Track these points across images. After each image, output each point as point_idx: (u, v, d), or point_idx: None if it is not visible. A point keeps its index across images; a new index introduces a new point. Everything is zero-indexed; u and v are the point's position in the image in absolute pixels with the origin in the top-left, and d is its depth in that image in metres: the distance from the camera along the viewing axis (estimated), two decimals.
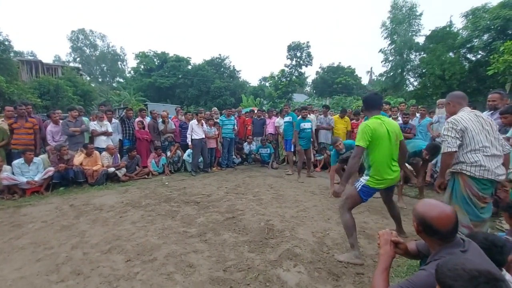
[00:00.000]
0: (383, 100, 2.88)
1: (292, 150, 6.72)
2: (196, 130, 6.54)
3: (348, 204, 2.58)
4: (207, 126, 6.89)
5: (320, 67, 35.19)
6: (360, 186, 2.53)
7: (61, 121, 5.83)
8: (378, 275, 1.42)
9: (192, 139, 6.50)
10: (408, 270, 2.34)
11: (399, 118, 5.89)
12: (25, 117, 5.28)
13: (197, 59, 41.61)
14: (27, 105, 5.64)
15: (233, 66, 33.70)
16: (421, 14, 20.11)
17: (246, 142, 8.11)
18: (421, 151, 3.96)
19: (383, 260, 1.46)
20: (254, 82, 45.89)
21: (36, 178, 4.93)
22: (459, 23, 18.41)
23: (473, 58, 17.08)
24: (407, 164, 4.39)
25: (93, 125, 6.11)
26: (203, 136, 6.63)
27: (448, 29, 17.58)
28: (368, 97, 2.74)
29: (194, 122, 6.63)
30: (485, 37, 15.45)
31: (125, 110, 7.07)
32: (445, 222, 1.23)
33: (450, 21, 18.00)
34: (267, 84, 34.40)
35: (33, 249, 2.80)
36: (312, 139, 6.32)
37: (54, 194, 4.98)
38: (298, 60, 27.43)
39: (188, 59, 32.69)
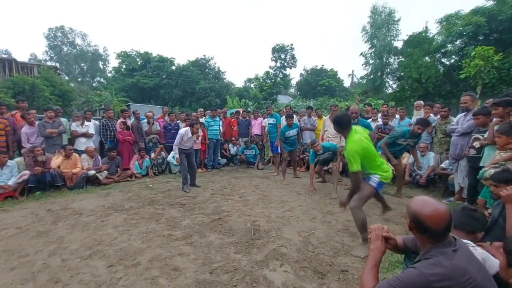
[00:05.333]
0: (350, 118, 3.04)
1: (279, 152, 6.78)
2: (186, 142, 5.29)
3: (363, 201, 2.75)
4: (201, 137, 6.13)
5: (304, 69, 35.79)
6: (376, 183, 2.75)
7: (37, 122, 5.57)
8: (367, 271, 1.39)
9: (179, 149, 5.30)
10: (390, 266, 2.43)
11: (379, 120, 6.10)
12: None
13: (181, 60, 40.97)
14: (0, 105, 5.34)
15: (218, 67, 33.50)
16: (399, 20, 20.90)
17: (231, 144, 8.09)
18: (409, 131, 4.18)
19: (374, 255, 1.43)
20: (239, 83, 45.87)
21: (10, 182, 4.68)
22: (434, 29, 19.23)
23: (447, 62, 17.96)
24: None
25: (74, 126, 5.90)
26: (190, 147, 5.45)
27: (424, 34, 18.35)
28: (342, 117, 2.85)
29: (186, 133, 5.22)
30: (458, 42, 16.29)
31: (104, 112, 6.86)
32: (438, 221, 1.21)
33: (426, 27, 18.82)
34: (252, 85, 34.43)
35: (7, 257, 2.66)
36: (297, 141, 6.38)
37: (30, 198, 4.74)
38: (283, 62, 27.65)
39: (172, 59, 32.16)
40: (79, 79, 43.46)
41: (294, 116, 7.25)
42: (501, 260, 1.30)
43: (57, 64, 38.45)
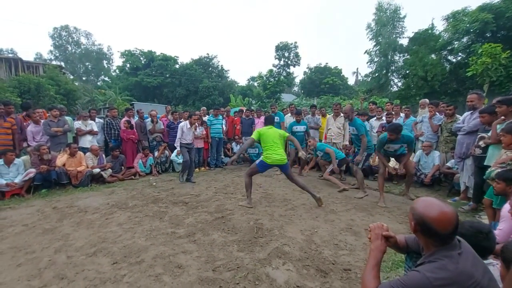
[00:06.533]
0: (274, 119, 4.65)
1: None
2: (186, 135, 5.76)
3: (250, 171, 4.18)
4: (200, 129, 6.46)
5: (307, 68, 35.54)
6: (259, 161, 4.17)
7: (42, 120, 5.63)
8: (368, 271, 1.35)
9: (180, 143, 5.72)
10: (393, 265, 2.41)
11: (383, 118, 6.05)
12: (3, 117, 5.06)
13: (184, 58, 40.99)
14: (9, 105, 5.41)
15: (221, 65, 33.51)
16: (404, 17, 20.69)
17: (235, 142, 8.10)
18: (386, 137, 4.14)
19: (374, 255, 1.39)
20: (242, 82, 45.87)
21: (16, 180, 4.74)
22: (440, 26, 18.96)
23: (454, 60, 17.72)
24: (392, 159, 4.58)
25: (78, 124, 5.96)
26: (191, 142, 5.91)
27: (430, 31, 18.13)
28: (268, 117, 4.51)
29: (185, 125, 5.74)
30: (465, 39, 16.06)
31: (108, 110, 6.92)
32: (445, 224, 1.15)
33: (432, 24, 18.59)
34: (255, 84, 34.39)
35: (14, 254, 2.70)
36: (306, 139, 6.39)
37: (36, 196, 4.80)
38: (286, 60, 27.57)
39: (175, 58, 32.25)
40: (84, 78, 43.83)
41: None
42: (499, 266, 1.27)
43: (62, 63, 38.83)
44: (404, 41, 20.57)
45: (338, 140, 5.96)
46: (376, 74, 21.59)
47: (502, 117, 3.29)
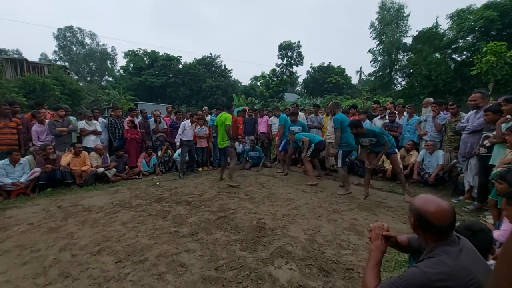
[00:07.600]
0: (232, 104, 5.53)
1: (280, 150, 6.85)
2: (187, 132, 6.33)
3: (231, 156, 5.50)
4: (201, 127, 6.76)
5: (310, 67, 35.46)
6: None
7: (47, 120, 5.69)
8: (369, 270, 1.36)
9: (180, 140, 6.28)
10: (396, 265, 2.41)
11: (387, 117, 6.02)
12: (9, 117, 5.12)
13: (188, 58, 41.10)
14: (15, 104, 5.47)
15: (224, 65, 33.63)
16: (408, 15, 20.57)
17: (238, 142, 8.09)
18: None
19: (374, 255, 1.40)
20: (245, 81, 45.87)
21: (22, 179, 4.79)
22: (444, 24, 18.80)
23: (458, 59, 17.55)
24: (384, 156, 4.72)
25: (82, 124, 6.01)
26: (191, 138, 6.46)
27: (434, 30, 17.99)
28: (227, 103, 5.54)
29: (187, 123, 6.38)
30: (470, 38, 15.91)
31: (112, 110, 6.98)
32: (442, 218, 1.18)
33: (436, 22, 18.46)
34: (258, 83, 34.38)
35: (19, 252, 2.73)
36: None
37: (41, 195, 4.85)
38: (289, 59, 27.56)
39: (179, 58, 32.39)
40: (88, 78, 44.21)
41: (302, 114, 7.29)
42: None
43: (67, 64, 39.18)
44: (408, 40, 20.48)
45: (333, 140, 5.95)
46: (380, 73, 21.49)
47: (508, 116, 3.26)
